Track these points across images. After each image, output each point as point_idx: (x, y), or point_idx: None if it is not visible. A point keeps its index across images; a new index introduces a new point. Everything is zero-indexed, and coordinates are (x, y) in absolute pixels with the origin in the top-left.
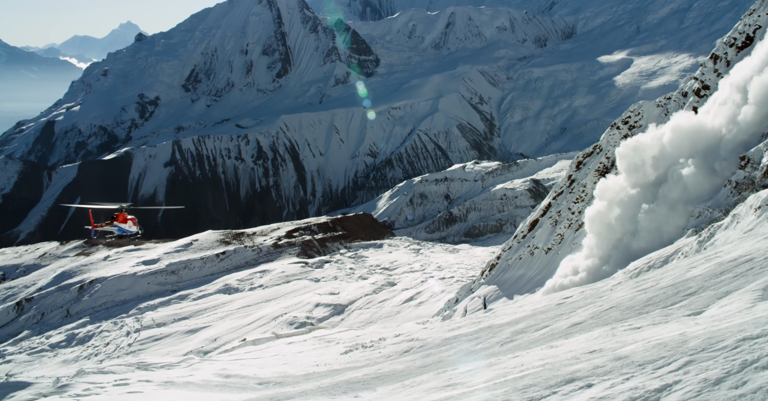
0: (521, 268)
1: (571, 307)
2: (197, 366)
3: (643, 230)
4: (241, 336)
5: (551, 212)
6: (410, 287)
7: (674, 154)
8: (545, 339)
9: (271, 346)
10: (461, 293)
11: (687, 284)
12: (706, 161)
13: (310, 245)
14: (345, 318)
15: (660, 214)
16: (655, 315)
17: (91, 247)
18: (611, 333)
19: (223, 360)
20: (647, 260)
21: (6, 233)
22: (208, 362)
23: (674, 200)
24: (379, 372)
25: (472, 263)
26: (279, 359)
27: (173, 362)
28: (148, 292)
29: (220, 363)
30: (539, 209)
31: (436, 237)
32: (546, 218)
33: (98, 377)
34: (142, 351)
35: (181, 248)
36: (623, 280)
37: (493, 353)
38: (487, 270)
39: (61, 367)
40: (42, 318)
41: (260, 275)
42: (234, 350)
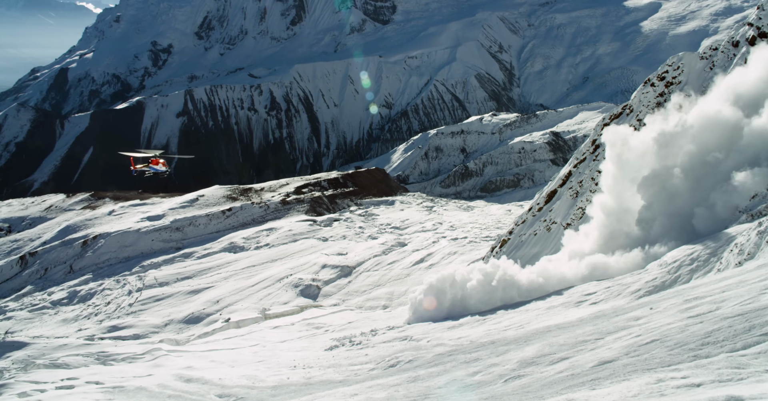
0: (536, 246)
1: (596, 328)
2: (162, 360)
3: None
4: (245, 297)
5: (572, 182)
6: (421, 248)
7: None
8: (563, 383)
9: (254, 331)
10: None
11: (764, 314)
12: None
13: (319, 201)
14: (352, 281)
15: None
16: (721, 365)
17: (98, 200)
18: (657, 390)
19: (194, 351)
20: (690, 251)
21: (20, 183)
22: (176, 354)
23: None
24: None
25: (487, 222)
26: (256, 352)
27: (138, 353)
28: (152, 249)
29: (189, 356)
30: (558, 179)
31: (450, 192)
32: (565, 189)
33: (45, 373)
34: (143, 311)
35: (187, 204)
36: (660, 276)
37: (493, 395)
38: (497, 247)
39: (60, 326)
40: (45, 273)
41: (267, 233)
42: (214, 333)
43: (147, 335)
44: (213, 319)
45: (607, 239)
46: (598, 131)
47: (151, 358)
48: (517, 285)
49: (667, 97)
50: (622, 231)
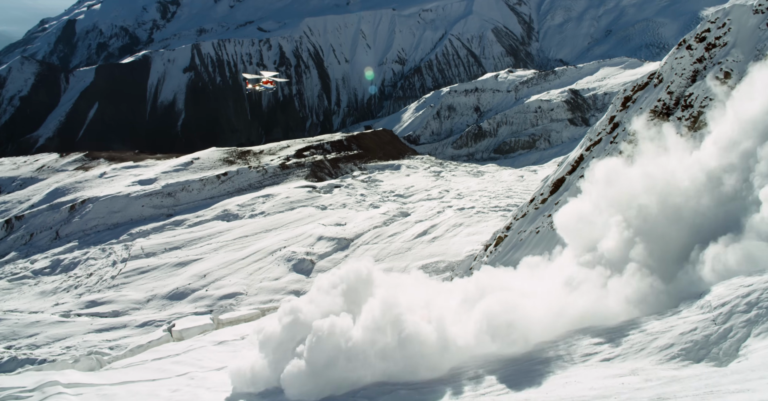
0: (538, 246)
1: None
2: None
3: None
4: (234, 271)
5: (583, 168)
6: (425, 218)
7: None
8: None
9: (194, 347)
10: (458, 272)
11: None
12: None
13: (320, 166)
14: (349, 255)
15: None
16: None
17: (92, 160)
18: None
19: (99, 386)
20: (746, 291)
21: (25, 138)
22: (72, 392)
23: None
24: None
25: (496, 190)
26: (176, 390)
27: (27, 388)
28: (142, 216)
29: (87, 397)
30: (566, 164)
31: (462, 154)
32: (576, 178)
33: None
34: (126, 285)
35: (181, 168)
36: (702, 326)
37: None
38: (492, 245)
39: (37, 299)
40: (30, 239)
41: (263, 200)
42: (150, 346)
43: (126, 312)
44: (198, 295)
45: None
46: (617, 105)
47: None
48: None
49: (707, 65)
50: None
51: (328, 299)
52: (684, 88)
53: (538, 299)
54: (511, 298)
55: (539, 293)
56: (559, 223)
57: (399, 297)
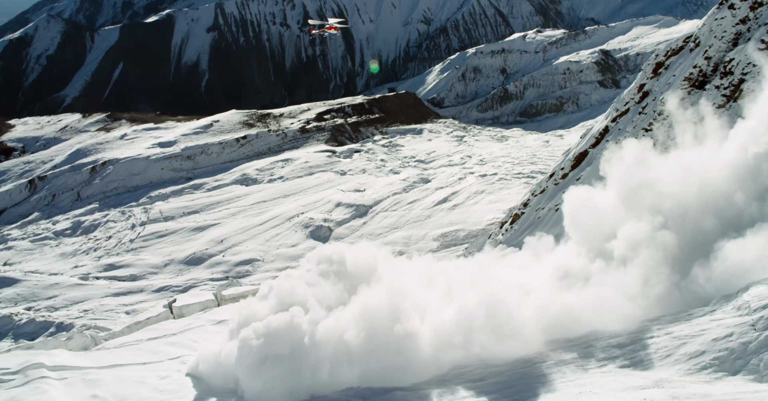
0: (556, 226)
1: None
2: (28, 389)
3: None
4: (251, 237)
5: (609, 141)
6: (446, 185)
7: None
8: None
9: (192, 326)
10: (472, 250)
11: None
12: None
13: (341, 130)
14: (367, 222)
15: None
16: None
17: (114, 121)
18: None
19: (85, 369)
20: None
21: (52, 97)
22: (56, 376)
23: None
24: None
25: (521, 156)
26: (164, 378)
27: (11, 370)
28: (162, 178)
29: (71, 381)
30: (590, 137)
31: (487, 117)
32: (599, 151)
33: None
34: (144, 249)
35: (200, 130)
36: (739, 332)
37: None
38: (508, 223)
39: (57, 261)
40: (53, 200)
41: (282, 164)
42: (149, 323)
43: (144, 276)
44: (215, 261)
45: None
46: (647, 72)
47: (21, 382)
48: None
49: (752, 27)
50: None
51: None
52: (723, 53)
53: (529, 295)
54: (496, 294)
55: (533, 288)
56: (568, 212)
57: (384, 301)
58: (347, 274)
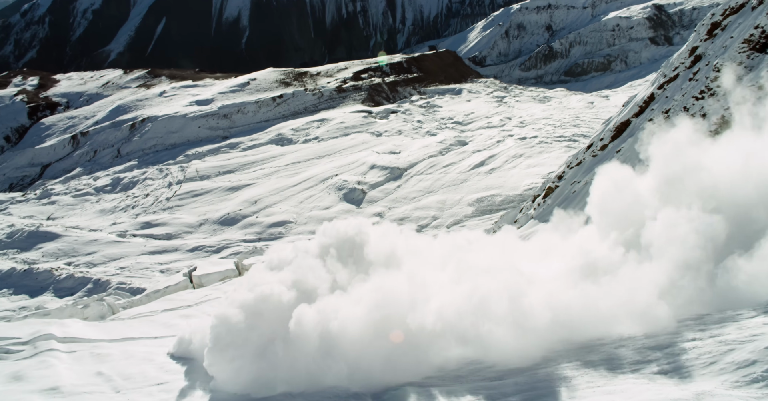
0: None
1: None
2: (32, 364)
3: None
4: (284, 198)
5: (654, 110)
6: (483, 148)
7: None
8: None
9: (209, 297)
10: (501, 223)
11: None
12: None
13: (378, 89)
14: (402, 185)
15: None
16: None
17: (154, 78)
18: None
19: (95, 342)
20: None
21: (98, 52)
22: (64, 348)
23: None
24: None
25: (563, 118)
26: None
27: (21, 340)
28: (198, 137)
29: (78, 355)
30: (633, 105)
31: (530, 76)
32: (643, 121)
33: None
34: (180, 208)
35: (237, 88)
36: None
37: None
38: (540, 197)
39: (97, 217)
40: (94, 156)
41: (318, 124)
42: (168, 291)
43: (179, 235)
44: (249, 222)
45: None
46: (701, 33)
47: (29, 353)
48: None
49: None
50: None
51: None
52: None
53: (549, 285)
54: (515, 283)
55: (553, 276)
56: (596, 194)
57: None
58: (364, 260)
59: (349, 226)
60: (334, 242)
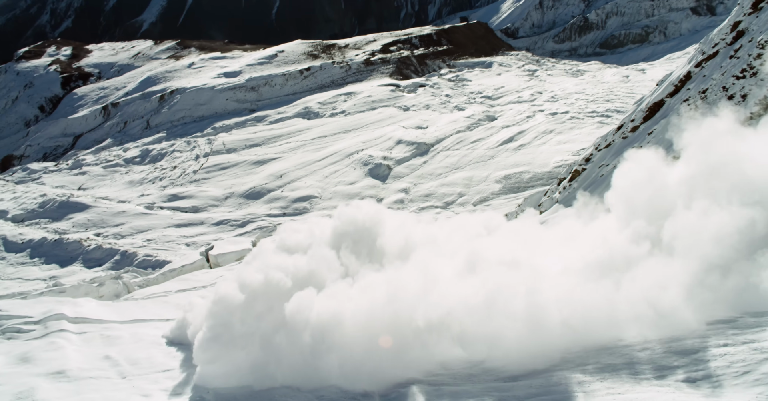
0: None
1: None
2: (41, 345)
3: None
4: (310, 173)
5: (690, 90)
6: (512, 123)
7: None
8: None
9: (221, 279)
10: (524, 206)
11: None
12: None
13: (406, 62)
14: (428, 161)
15: None
16: None
17: (183, 49)
18: None
19: (106, 323)
20: None
21: (130, 22)
22: (75, 329)
23: None
24: None
25: (596, 92)
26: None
27: (33, 319)
28: (226, 109)
29: (88, 337)
30: (668, 84)
31: (564, 49)
32: (678, 101)
33: None
34: (206, 180)
35: (265, 61)
36: None
37: None
38: (566, 180)
39: (126, 188)
40: (125, 127)
41: (345, 98)
42: (183, 271)
43: (205, 208)
44: (274, 196)
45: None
46: (745, 6)
47: (39, 334)
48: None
49: None
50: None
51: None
52: None
53: (565, 280)
54: (531, 277)
55: (569, 270)
56: (620, 183)
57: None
58: (377, 251)
59: (367, 215)
60: (350, 231)
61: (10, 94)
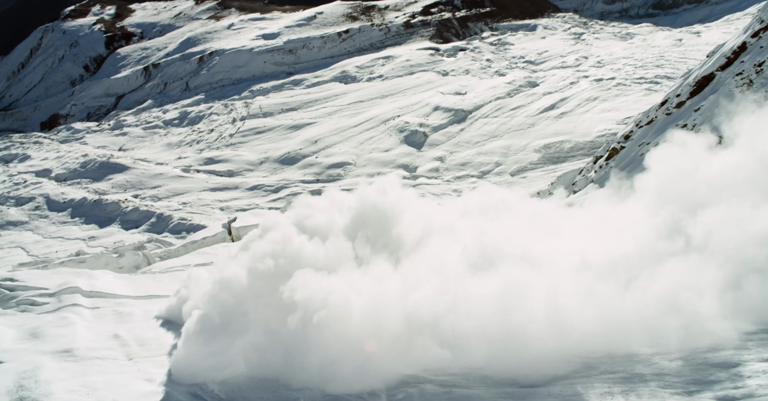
0: None
1: None
2: (52, 320)
3: None
4: (345, 139)
5: (744, 63)
6: (555, 90)
7: None
8: None
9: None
10: (557, 184)
11: None
12: None
13: (447, 25)
14: (465, 128)
15: None
16: None
17: (224, 10)
18: None
19: (120, 298)
20: None
21: None
22: (88, 304)
23: None
24: None
25: (645, 57)
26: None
27: (48, 291)
28: (264, 72)
29: (101, 312)
30: (719, 55)
31: (614, 9)
32: (730, 75)
33: None
34: (242, 144)
35: (303, 22)
36: None
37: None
38: (603, 158)
39: (164, 150)
40: (165, 88)
41: (383, 62)
42: (204, 243)
43: (240, 172)
44: (308, 161)
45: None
46: None
47: (52, 307)
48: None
49: None
50: None
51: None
52: None
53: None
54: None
55: (593, 267)
56: (653, 171)
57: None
58: (393, 242)
59: (387, 204)
60: (369, 219)
61: (57, 52)
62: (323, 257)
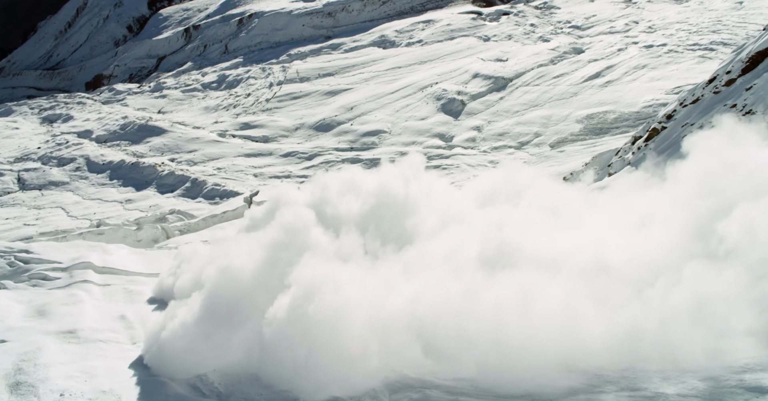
0: None
1: None
2: (58, 297)
3: None
4: (381, 106)
5: None
6: (601, 57)
7: None
8: None
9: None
10: (593, 165)
11: None
12: None
13: None
14: (505, 97)
15: None
16: None
17: None
18: None
19: (132, 275)
20: None
21: None
22: (99, 281)
23: None
24: None
25: (701, 22)
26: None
27: (62, 266)
28: (302, 36)
29: (110, 290)
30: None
31: None
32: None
33: None
34: (278, 110)
35: None
36: None
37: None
38: (642, 139)
39: (201, 114)
40: (204, 50)
41: (423, 26)
42: (225, 217)
43: (275, 138)
44: (343, 129)
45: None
46: None
47: (63, 283)
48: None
49: None
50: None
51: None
52: None
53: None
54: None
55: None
56: (691, 158)
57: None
58: (406, 234)
59: (406, 196)
60: (384, 210)
61: (102, 12)
62: (334, 249)
